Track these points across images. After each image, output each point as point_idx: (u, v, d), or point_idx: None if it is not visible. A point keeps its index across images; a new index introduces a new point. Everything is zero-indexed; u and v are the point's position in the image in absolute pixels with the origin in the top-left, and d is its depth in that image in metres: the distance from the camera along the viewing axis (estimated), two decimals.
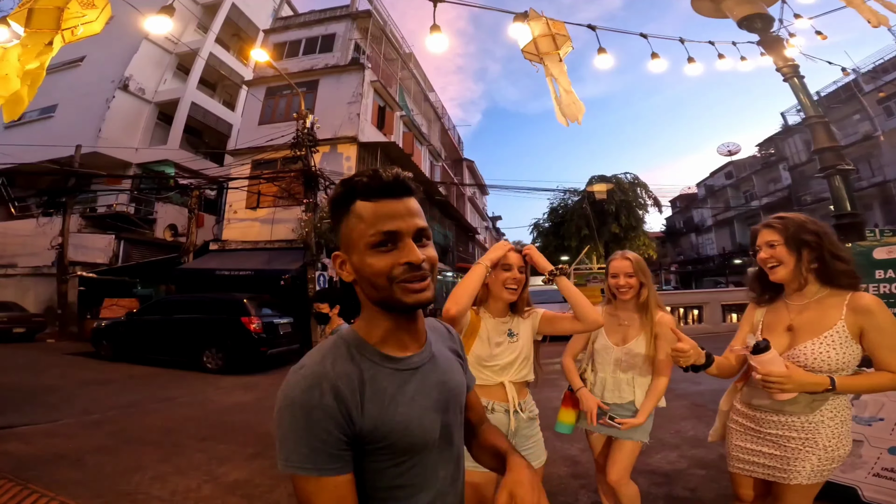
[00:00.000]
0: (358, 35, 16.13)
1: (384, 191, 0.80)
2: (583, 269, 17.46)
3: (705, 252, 37.28)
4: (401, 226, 0.78)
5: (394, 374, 0.81)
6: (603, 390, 2.17)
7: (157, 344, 9.64)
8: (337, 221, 0.84)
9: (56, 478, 3.54)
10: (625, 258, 2.18)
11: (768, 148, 30.48)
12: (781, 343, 1.57)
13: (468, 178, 33.17)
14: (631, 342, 2.13)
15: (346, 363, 0.78)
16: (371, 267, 0.78)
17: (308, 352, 0.82)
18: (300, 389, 0.73)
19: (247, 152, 14.81)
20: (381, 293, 0.79)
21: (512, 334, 1.91)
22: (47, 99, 18.86)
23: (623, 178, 22.06)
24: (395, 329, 0.83)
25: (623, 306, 2.20)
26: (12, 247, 16.49)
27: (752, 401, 1.66)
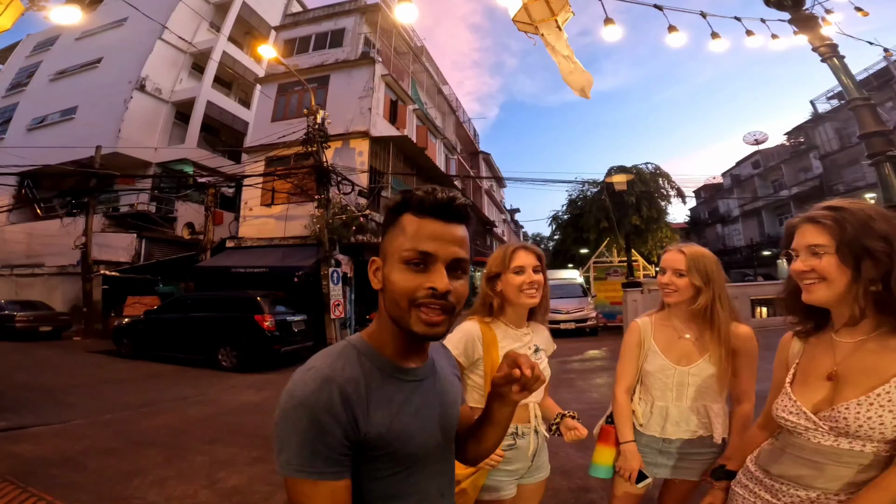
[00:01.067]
0: (367, 29, 15.98)
1: (435, 210, 0.79)
2: (603, 262, 17.06)
3: (732, 243, 36.19)
4: (438, 249, 0.77)
5: (401, 384, 0.82)
6: (664, 423, 1.67)
7: (174, 342, 9.76)
8: (385, 228, 0.84)
9: (58, 481, 3.52)
10: (679, 251, 1.69)
11: (797, 136, 29.31)
12: (817, 396, 1.09)
13: (485, 171, 32.85)
14: (701, 360, 1.64)
15: (354, 368, 0.78)
16: (396, 283, 0.77)
17: (316, 354, 0.80)
18: (308, 391, 0.72)
19: (260, 149, 14.86)
20: (398, 312, 0.78)
21: (537, 349, 1.68)
22: (68, 101, 19.34)
23: (644, 169, 21.46)
24: (405, 343, 0.84)
25: (678, 314, 1.71)
26: (39, 246, 16.99)
27: (771, 467, 1.19)
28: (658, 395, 1.68)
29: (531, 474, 1.68)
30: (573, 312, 12.82)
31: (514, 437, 1.61)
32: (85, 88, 19.18)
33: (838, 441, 1.03)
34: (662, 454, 1.69)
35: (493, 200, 36.89)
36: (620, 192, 17.03)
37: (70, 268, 15.87)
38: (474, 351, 1.59)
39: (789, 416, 1.11)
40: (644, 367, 1.73)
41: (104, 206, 17.83)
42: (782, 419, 1.13)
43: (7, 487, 3.27)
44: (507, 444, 1.59)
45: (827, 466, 1.06)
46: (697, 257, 1.66)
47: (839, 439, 1.03)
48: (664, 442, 1.67)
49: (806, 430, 1.08)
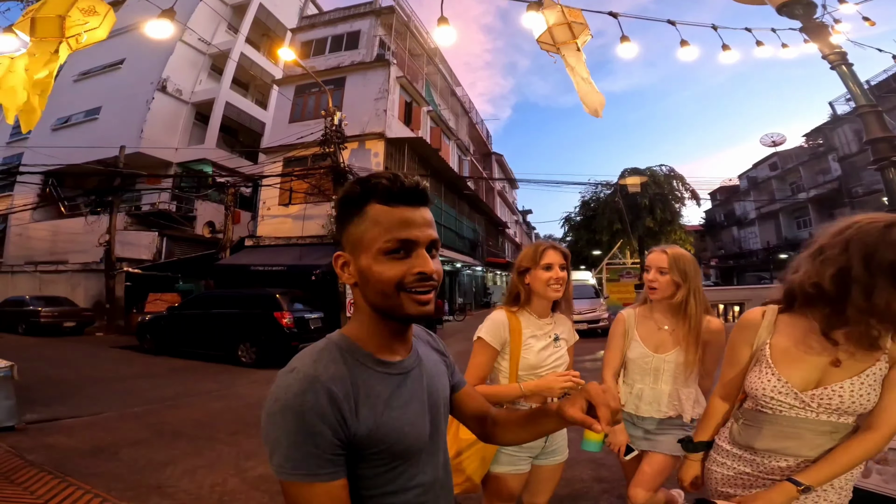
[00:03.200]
0: (382, 31, 16.16)
1: (403, 197, 0.78)
2: (616, 264, 17.02)
3: (748, 246, 35.67)
4: (418, 235, 0.78)
5: (387, 378, 0.81)
6: (639, 403, 1.93)
7: (195, 338, 10.00)
8: (345, 220, 0.81)
9: (94, 471, 3.69)
10: (663, 252, 1.91)
11: (816, 138, 28.83)
12: (807, 377, 1.20)
13: (497, 172, 32.89)
14: (675, 349, 1.87)
15: (338, 366, 0.76)
16: (381, 274, 0.76)
17: (297, 354, 0.79)
18: (292, 392, 0.71)
19: (278, 150, 15.13)
20: (387, 301, 0.78)
21: (558, 339, 1.82)
22: (91, 101, 19.81)
23: (658, 171, 21.38)
24: (389, 335, 0.83)
25: (659, 308, 1.94)
26: (63, 244, 17.47)
27: (755, 443, 1.28)
28: (637, 379, 1.94)
29: (547, 456, 1.80)
30: (585, 313, 12.82)
31: None
32: (108, 89, 19.64)
33: (819, 416, 1.19)
34: (636, 427, 1.96)
35: (505, 201, 36.89)
36: (634, 194, 17.00)
37: (93, 265, 16.30)
38: (501, 336, 1.75)
39: (777, 395, 1.22)
40: (627, 355, 1.97)
41: (127, 204, 18.25)
42: (766, 398, 1.23)
43: (46, 477, 3.43)
44: None
45: (806, 436, 1.21)
46: (678, 257, 1.87)
47: (821, 414, 1.18)
48: (637, 418, 1.94)
49: (790, 409, 1.21)
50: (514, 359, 1.74)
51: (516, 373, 1.74)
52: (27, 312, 13.29)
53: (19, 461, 3.79)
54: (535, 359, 1.74)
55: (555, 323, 1.84)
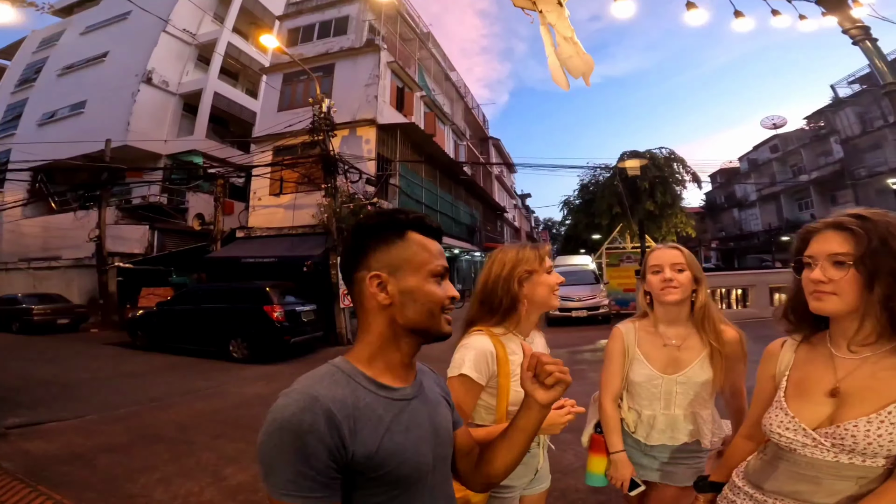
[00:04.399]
0: (371, 16, 15.72)
1: (434, 232, 0.89)
2: (616, 249, 16.82)
3: (749, 228, 35.59)
4: (446, 264, 0.88)
5: (389, 403, 0.81)
6: (650, 431, 1.65)
7: (186, 334, 9.86)
8: (380, 243, 0.85)
9: (67, 479, 3.56)
10: (673, 247, 1.65)
11: (818, 121, 28.60)
12: (817, 412, 1.03)
13: (495, 156, 32.52)
14: (689, 367, 1.59)
15: (339, 388, 0.76)
16: (434, 294, 0.83)
17: (298, 378, 0.78)
18: (290, 412, 0.70)
19: (267, 139, 14.82)
20: (431, 320, 0.84)
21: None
22: (76, 95, 19.45)
23: (658, 154, 21.04)
24: (400, 360, 0.85)
25: (668, 316, 1.64)
26: (55, 240, 17.28)
27: (764, 483, 1.13)
28: (646, 405, 1.65)
29: (533, 486, 1.61)
30: (585, 300, 12.64)
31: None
32: (92, 83, 19.27)
33: (838, 457, 0.99)
34: (646, 457, 1.69)
35: (503, 186, 36.56)
36: (633, 177, 16.71)
37: (86, 260, 16.12)
38: (489, 370, 1.44)
39: (785, 432, 1.06)
40: (630, 377, 1.67)
41: (117, 198, 18.00)
42: (776, 435, 1.08)
43: (17, 486, 3.31)
44: None
45: (825, 480, 1.02)
46: (689, 253, 1.64)
47: (840, 455, 0.99)
48: (646, 446, 1.68)
49: (803, 447, 1.03)
50: (503, 394, 1.43)
51: (505, 409, 1.43)
52: (20, 311, 13.17)
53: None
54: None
55: (534, 342, 1.61)
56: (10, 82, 22.63)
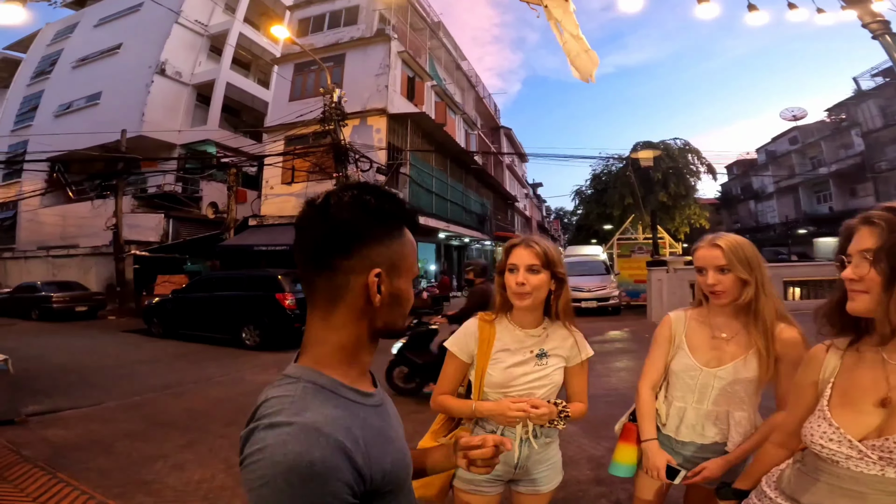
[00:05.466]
0: (382, 5, 15.60)
1: (416, 230, 0.81)
2: (628, 239, 16.65)
3: (765, 220, 34.99)
4: None
5: (376, 411, 0.74)
6: (679, 425, 1.59)
7: (200, 321, 10.03)
8: (385, 235, 0.72)
9: (86, 466, 3.67)
10: (714, 245, 1.50)
11: (839, 113, 27.92)
12: (865, 423, 0.97)
13: (506, 146, 32.27)
14: (732, 363, 1.51)
15: (333, 409, 0.64)
16: (412, 298, 0.78)
17: (270, 402, 0.64)
18: (294, 452, 0.56)
19: (279, 129, 14.91)
20: (403, 322, 0.78)
21: (543, 355, 1.53)
22: (92, 87, 19.70)
23: (672, 145, 20.69)
24: (367, 364, 0.77)
25: (722, 310, 1.56)
26: (73, 228, 17.65)
27: (801, 496, 1.06)
28: (678, 396, 1.60)
29: (525, 483, 1.59)
30: (595, 290, 12.58)
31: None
32: (107, 74, 19.51)
33: (885, 471, 0.93)
34: (676, 454, 1.60)
35: (514, 175, 36.32)
36: (646, 168, 16.45)
37: (103, 248, 16.46)
38: (468, 347, 1.56)
39: (828, 443, 0.99)
40: (671, 366, 1.63)
41: (133, 187, 18.28)
42: (818, 446, 1.01)
43: (38, 474, 3.42)
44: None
45: (870, 496, 0.95)
46: (735, 246, 1.49)
47: (887, 469, 0.92)
48: (676, 442, 1.60)
49: (847, 459, 0.96)
50: (479, 374, 1.53)
51: (480, 389, 1.53)
52: (39, 298, 13.49)
53: (14, 457, 3.78)
54: (502, 376, 1.51)
55: (546, 336, 1.55)
56: (27, 74, 22.97)
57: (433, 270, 20.91)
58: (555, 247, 1.55)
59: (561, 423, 1.47)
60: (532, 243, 1.49)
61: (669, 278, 10.86)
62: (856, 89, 25.72)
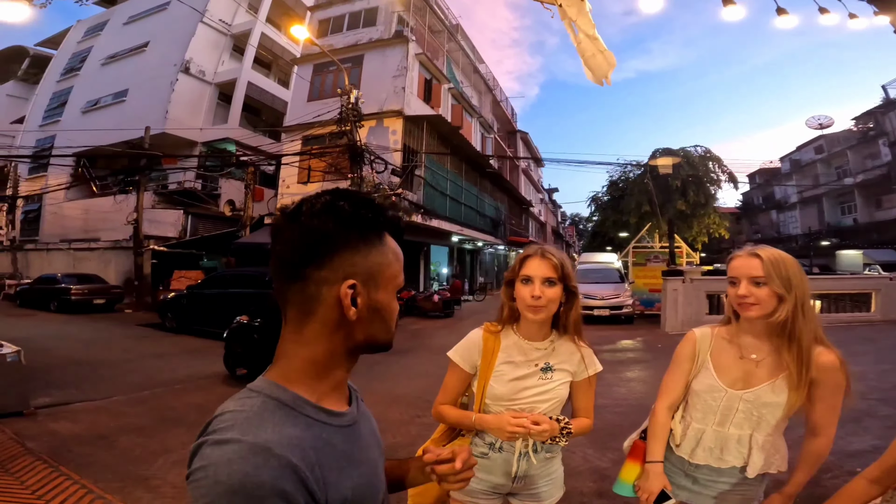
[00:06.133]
0: (401, 7, 15.67)
1: (402, 237, 0.77)
2: (643, 248, 16.38)
3: (787, 231, 34.25)
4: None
5: (344, 432, 0.68)
6: (695, 447, 1.50)
7: (213, 317, 10.11)
8: (359, 242, 0.68)
9: (88, 460, 3.70)
10: (753, 255, 1.42)
11: (866, 122, 27.15)
12: None
13: (522, 150, 32.10)
14: (761, 386, 1.42)
15: (289, 428, 0.60)
16: (395, 311, 0.73)
17: (224, 416, 0.60)
18: (240, 472, 0.52)
19: (297, 129, 15.05)
20: (387, 336, 0.73)
21: (548, 368, 1.48)
22: (119, 84, 20.19)
23: (692, 152, 20.26)
24: (342, 380, 0.72)
25: (751, 329, 1.46)
26: (95, 222, 18.06)
27: None
28: (698, 418, 1.52)
29: (524, 497, 1.55)
30: (608, 298, 12.37)
31: (491, 448, 1.49)
32: (134, 71, 19.97)
33: None
34: (688, 477, 1.55)
35: (530, 180, 36.13)
36: (665, 175, 16.15)
37: (123, 242, 16.80)
38: (471, 358, 1.52)
39: None
40: (692, 386, 1.55)
41: (154, 183, 18.66)
42: None
43: (40, 466, 3.45)
44: (479, 452, 1.49)
45: None
46: (777, 261, 1.40)
47: None
48: (690, 465, 1.53)
49: None
50: (481, 385, 1.50)
51: (481, 401, 1.49)
52: (59, 290, 13.78)
53: (19, 449, 3.83)
54: (504, 389, 1.47)
55: (553, 350, 1.50)
56: (57, 71, 23.63)
57: (445, 274, 20.87)
58: (568, 259, 1.49)
59: (563, 440, 1.41)
60: (549, 255, 1.44)
61: (685, 288, 10.64)
62: (884, 97, 25.15)
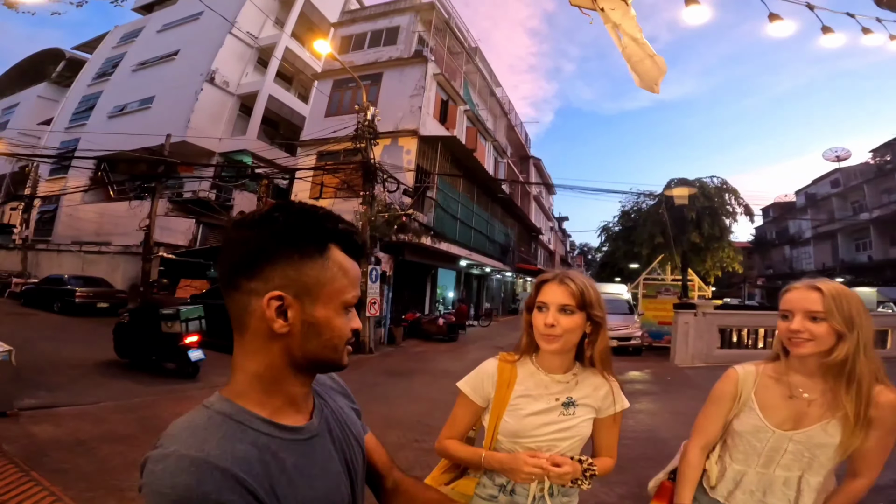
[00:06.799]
0: (422, 28, 15.95)
1: (358, 252, 0.74)
2: (654, 280, 16.08)
3: (800, 267, 33.68)
4: (360, 295, 0.75)
5: (298, 445, 0.68)
6: (734, 489, 1.40)
7: (215, 327, 9.93)
8: (293, 255, 0.66)
9: (62, 466, 3.53)
10: (812, 288, 1.30)
11: (884, 154, 26.77)
12: None
13: (535, 176, 32.17)
14: (813, 426, 1.31)
15: (236, 443, 0.60)
16: (340, 329, 0.70)
17: (172, 429, 0.61)
18: (182, 485, 0.53)
19: (312, 144, 15.17)
20: (333, 354, 0.70)
21: (570, 403, 1.33)
22: (147, 91, 20.62)
23: (708, 183, 20.08)
24: (297, 395, 0.71)
25: (803, 367, 1.35)
26: (108, 226, 18.22)
27: None
28: (739, 459, 1.41)
29: None
30: (616, 329, 12.06)
31: (501, 491, 1.33)
32: (162, 79, 20.39)
33: None
34: None
35: (541, 207, 36.08)
36: (680, 206, 15.95)
37: (133, 248, 16.84)
38: (483, 390, 1.39)
39: None
40: (733, 426, 1.43)
41: (170, 191, 18.84)
42: None
43: (11, 469, 3.29)
44: (487, 495, 1.35)
45: None
46: (839, 296, 1.28)
47: None
48: None
49: None
50: (493, 419, 1.36)
51: (493, 436, 1.35)
52: (63, 291, 13.77)
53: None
54: (519, 425, 1.32)
55: (576, 383, 1.35)
56: (89, 75, 24.29)
57: (451, 297, 20.65)
58: (593, 285, 1.34)
59: (585, 482, 1.28)
60: (567, 280, 1.30)
61: (697, 322, 10.52)
62: None
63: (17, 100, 27.79)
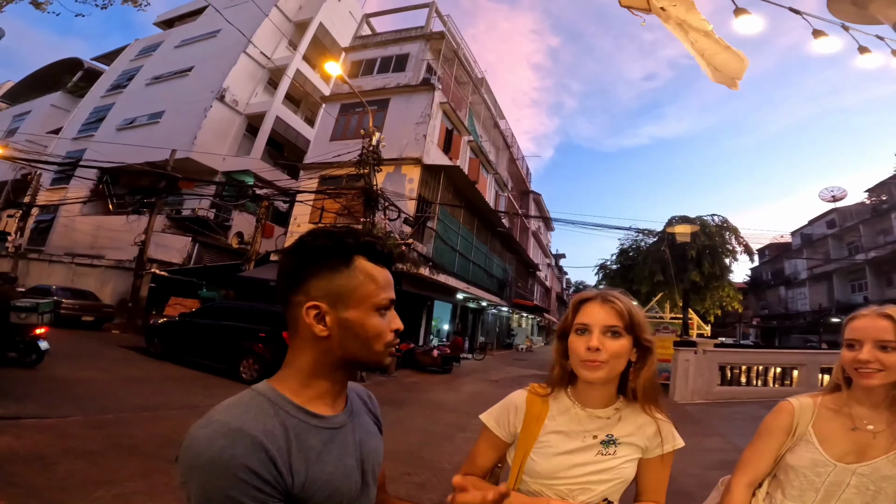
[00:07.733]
0: (431, 56, 16.24)
1: (385, 259, 0.83)
2: (653, 318, 15.85)
3: (795, 307, 33.70)
4: (393, 296, 0.83)
5: (319, 432, 0.77)
6: None
7: (200, 348, 9.62)
8: (323, 269, 0.79)
9: (15, 480, 3.21)
10: (883, 316, 1.23)
11: (880, 193, 27.07)
12: None
13: (534, 211, 32.31)
14: (879, 458, 1.24)
15: (268, 419, 0.72)
16: (376, 328, 0.79)
17: (215, 407, 0.72)
18: (219, 446, 0.64)
19: (315, 167, 15.15)
20: (371, 355, 0.80)
21: (610, 442, 1.14)
22: (157, 106, 20.78)
23: (709, 221, 20.12)
24: (330, 390, 0.82)
25: (866, 398, 1.28)
26: (103, 240, 17.94)
27: None
28: (794, 495, 1.30)
29: None
30: None
31: None
32: (174, 94, 20.56)
33: None
34: None
35: (539, 243, 36.13)
36: (682, 244, 15.90)
37: (126, 263, 16.52)
38: (509, 424, 1.23)
39: None
40: (786, 459, 1.33)
41: (170, 207, 18.67)
42: None
43: None
44: None
45: None
46: None
47: None
48: None
49: None
50: (519, 457, 1.19)
51: (517, 476, 1.17)
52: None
53: None
54: (548, 465, 1.13)
55: (618, 419, 1.17)
56: (104, 86, 24.52)
57: (446, 330, 20.28)
58: (639, 306, 1.20)
59: None
60: (612, 298, 1.15)
61: (698, 359, 10.65)
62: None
63: (29, 107, 27.77)
